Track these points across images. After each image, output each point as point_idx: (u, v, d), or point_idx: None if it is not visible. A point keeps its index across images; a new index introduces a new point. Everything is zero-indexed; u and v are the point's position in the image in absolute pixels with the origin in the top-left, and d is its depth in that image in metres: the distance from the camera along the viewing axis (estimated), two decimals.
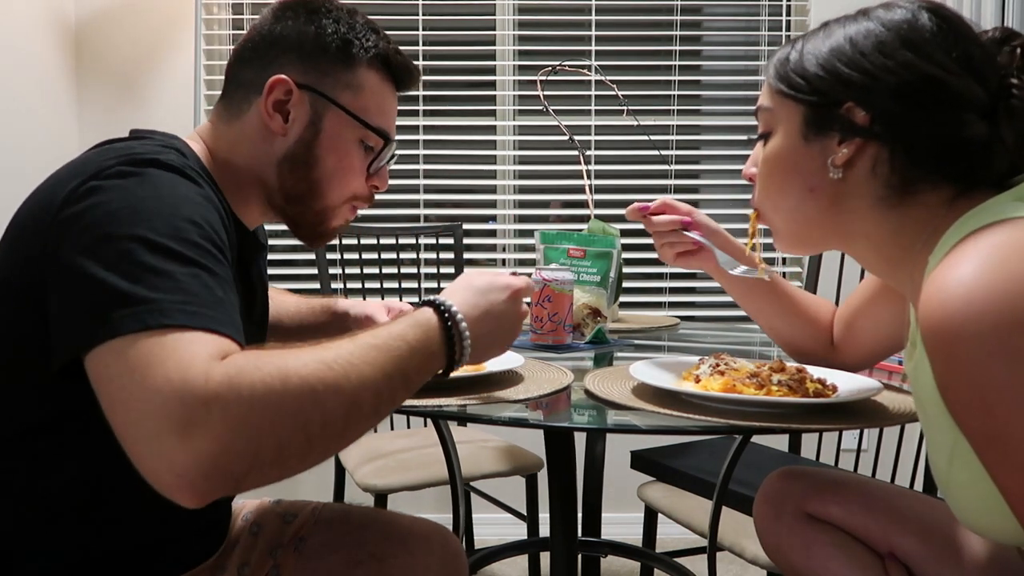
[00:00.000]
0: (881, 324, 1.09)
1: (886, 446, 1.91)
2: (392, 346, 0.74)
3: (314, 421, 0.66)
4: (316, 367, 0.67)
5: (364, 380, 0.70)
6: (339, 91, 0.94)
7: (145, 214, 0.71)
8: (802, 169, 0.86)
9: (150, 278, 0.67)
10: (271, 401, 0.64)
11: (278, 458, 0.65)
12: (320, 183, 0.95)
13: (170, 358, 0.63)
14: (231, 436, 0.62)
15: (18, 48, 2.29)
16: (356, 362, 0.70)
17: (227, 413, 0.62)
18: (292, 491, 2.64)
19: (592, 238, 1.56)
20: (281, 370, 0.65)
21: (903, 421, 0.94)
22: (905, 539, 1.01)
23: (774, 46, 2.71)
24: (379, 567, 1.04)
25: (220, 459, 0.62)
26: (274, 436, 0.64)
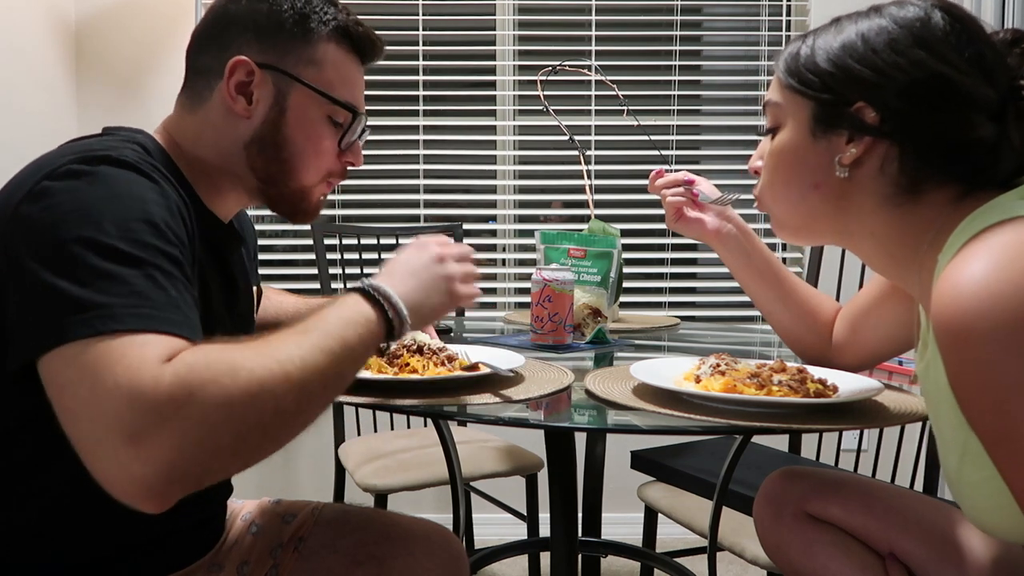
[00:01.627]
0: (885, 325, 1.09)
1: (886, 446, 1.91)
2: (331, 331, 0.75)
3: (267, 412, 0.66)
4: (264, 361, 0.67)
5: (311, 366, 0.71)
6: (301, 67, 0.92)
7: (95, 216, 0.70)
8: (809, 165, 0.86)
9: (100, 282, 0.67)
10: (223, 399, 0.63)
11: (235, 453, 0.66)
12: (291, 163, 0.94)
13: (119, 363, 0.63)
14: (186, 440, 0.62)
15: (18, 48, 2.28)
16: (303, 351, 0.71)
17: (180, 417, 0.62)
18: (292, 491, 2.65)
19: (592, 238, 1.56)
20: (231, 367, 0.65)
21: (903, 421, 0.94)
22: (905, 539, 1.01)
23: (774, 46, 2.71)
24: (379, 567, 1.04)
25: (177, 463, 0.62)
26: (230, 433, 0.64)
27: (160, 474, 0.61)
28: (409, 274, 0.89)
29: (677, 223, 1.27)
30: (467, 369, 1.05)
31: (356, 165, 1.01)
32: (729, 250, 1.23)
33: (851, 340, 1.15)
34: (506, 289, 2.76)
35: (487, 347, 1.22)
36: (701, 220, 1.25)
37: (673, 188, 1.27)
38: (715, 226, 1.24)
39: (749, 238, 1.23)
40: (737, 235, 1.23)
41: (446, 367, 1.05)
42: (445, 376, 1.03)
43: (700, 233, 1.25)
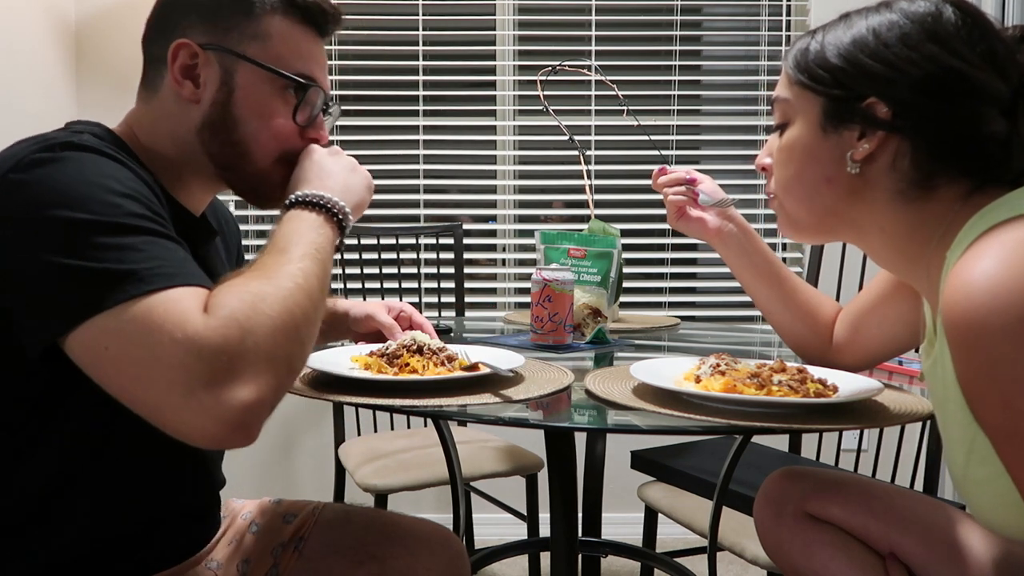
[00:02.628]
0: (887, 325, 1.09)
1: (886, 446, 1.91)
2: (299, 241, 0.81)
3: (297, 323, 0.73)
4: (277, 282, 0.74)
5: (307, 272, 0.77)
6: (245, 44, 0.89)
7: (79, 198, 0.71)
8: (820, 160, 0.86)
9: (113, 253, 0.69)
10: (269, 323, 0.69)
11: (291, 363, 0.72)
12: (245, 144, 0.91)
13: (167, 319, 0.66)
14: (258, 368, 0.67)
15: (18, 48, 2.28)
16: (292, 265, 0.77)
17: (244, 351, 0.67)
18: (292, 491, 2.65)
19: (592, 238, 1.55)
20: (259, 296, 0.71)
21: (903, 421, 0.94)
22: (906, 539, 1.01)
23: (774, 46, 2.71)
24: (380, 567, 1.04)
25: (259, 392, 0.67)
26: (284, 348, 0.70)
27: (249, 407, 0.66)
28: (323, 173, 0.92)
29: (678, 222, 1.27)
30: (467, 369, 1.05)
31: (321, 142, 0.97)
32: (730, 249, 1.23)
33: (852, 340, 1.15)
34: (506, 289, 2.76)
35: (487, 347, 1.22)
36: (702, 219, 1.25)
37: (675, 187, 1.27)
38: (716, 225, 1.24)
39: (750, 237, 1.23)
40: (738, 234, 1.23)
41: (446, 367, 1.05)
42: (445, 376, 1.03)
43: (701, 232, 1.25)
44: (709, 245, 1.27)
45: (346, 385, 1.02)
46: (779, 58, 2.71)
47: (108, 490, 0.85)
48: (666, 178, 1.28)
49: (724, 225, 1.24)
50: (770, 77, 2.73)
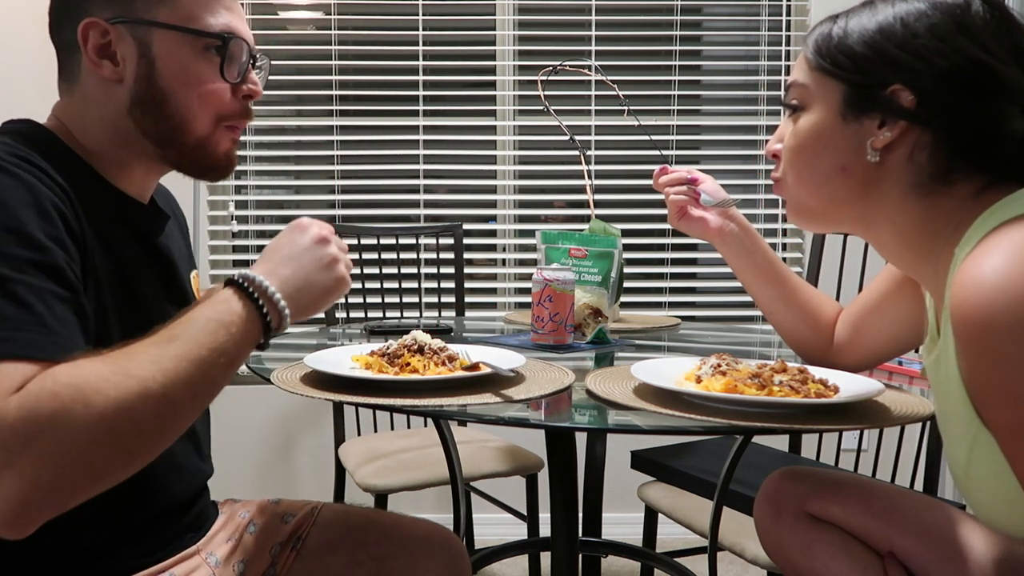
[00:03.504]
0: (888, 324, 1.09)
1: (886, 446, 1.91)
2: (199, 336, 0.70)
3: (127, 433, 0.64)
4: (121, 380, 0.64)
5: (173, 378, 0.66)
6: (153, 11, 0.85)
7: None
8: (837, 148, 0.85)
9: None
10: (74, 429, 0.61)
11: (96, 478, 0.64)
12: (178, 115, 0.86)
13: None
14: (38, 473, 0.60)
15: (18, 48, 2.28)
16: (164, 362, 0.66)
17: (29, 452, 0.60)
18: (292, 491, 2.65)
19: (593, 238, 1.55)
20: (80, 391, 0.62)
21: (903, 421, 0.94)
22: (906, 540, 1.01)
23: (774, 46, 2.71)
24: (378, 567, 1.04)
25: (31, 495, 0.60)
26: (84, 459, 0.62)
27: (14, 507, 0.60)
28: (289, 258, 0.81)
29: (680, 221, 1.26)
30: (467, 369, 1.05)
31: (256, 96, 0.92)
32: (732, 249, 1.23)
33: (853, 340, 1.15)
34: (506, 289, 2.76)
35: (488, 347, 1.22)
36: (704, 219, 1.25)
37: (676, 186, 1.27)
38: (718, 225, 1.24)
39: (752, 237, 1.23)
40: (740, 234, 1.23)
41: (446, 367, 1.05)
42: (445, 376, 1.03)
43: (703, 232, 1.25)
44: (710, 245, 1.27)
45: (346, 385, 1.02)
46: (779, 58, 2.71)
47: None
48: (667, 178, 1.28)
49: (725, 225, 1.23)
50: (770, 77, 2.73)
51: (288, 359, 1.19)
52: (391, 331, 1.49)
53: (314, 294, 0.83)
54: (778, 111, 2.73)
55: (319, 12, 2.73)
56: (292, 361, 1.16)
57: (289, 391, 1.00)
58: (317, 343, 1.45)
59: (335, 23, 2.69)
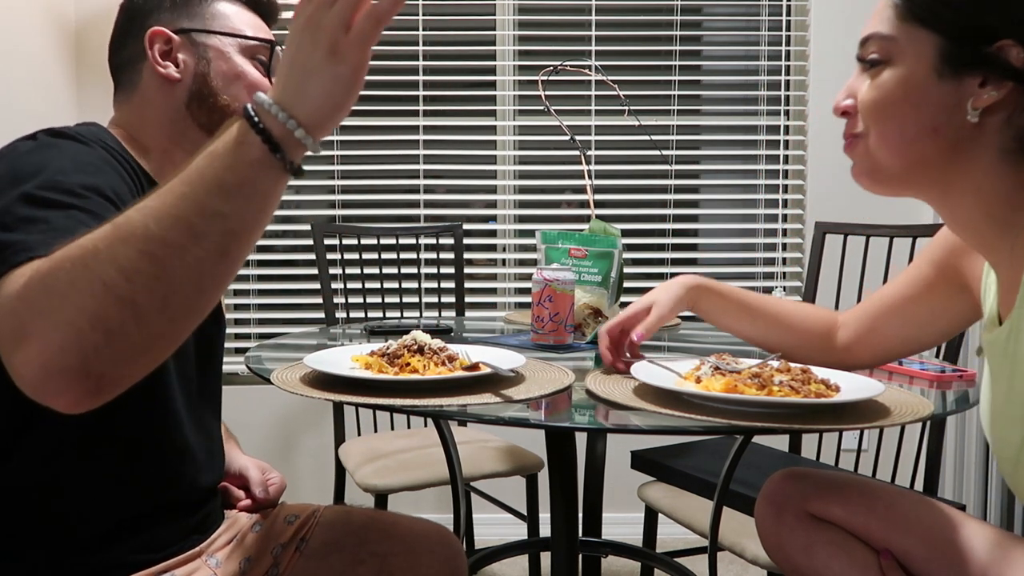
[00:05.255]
0: (912, 324, 1.06)
1: (886, 446, 1.91)
2: (190, 171, 0.64)
3: (112, 278, 0.60)
4: (99, 232, 0.62)
5: (161, 216, 0.62)
6: (208, 22, 1.00)
7: (29, 174, 0.76)
8: (929, 107, 0.78)
9: (25, 225, 0.70)
10: (58, 281, 0.61)
11: (109, 333, 0.60)
12: (232, 105, 0.99)
13: (13, 281, 0.64)
14: (42, 331, 0.60)
15: (18, 48, 2.28)
16: (148, 205, 0.63)
17: (31, 312, 0.61)
18: (292, 491, 2.65)
19: (593, 238, 1.55)
20: (63, 252, 0.62)
21: (903, 421, 0.94)
22: (907, 540, 1.01)
23: (774, 46, 2.71)
24: (380, 565, 1.04)
25: (50, 356, 0.60)
26: (81, 312, 0.60)
27: (41, 369, 0.60)
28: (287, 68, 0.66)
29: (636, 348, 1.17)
30: (467, 369, 1.05)
31: None
32: (701, 311, 1.20)
33: (865, 339, 1.12)
34: (506, 289, 2.76)
35: (488, 347, 1.22)
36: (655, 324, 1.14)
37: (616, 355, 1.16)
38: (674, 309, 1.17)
39: (713, 290, 1.19)
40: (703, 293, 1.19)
41: (446, 367, 1.05)
42: (445, 376, 1.03)
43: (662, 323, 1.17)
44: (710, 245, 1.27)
45: (346, 385, 1.02)
46: (779, 58, 2.71)
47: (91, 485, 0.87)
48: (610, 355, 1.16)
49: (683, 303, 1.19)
50: (770, 77, 2.73)
51: (288, 359, 1.19)
52: (391, 331, 1.49)
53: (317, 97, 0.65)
54: (778, 111, 2.73)
55: None
56: (292, 361, 1.16)
57: (289, 391, 1.00)
58: (317, 343, 1.45)
59: None
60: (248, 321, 2.75)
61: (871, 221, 2.01)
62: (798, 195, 2.73)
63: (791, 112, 2.73)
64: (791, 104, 2.73)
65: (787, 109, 2.73)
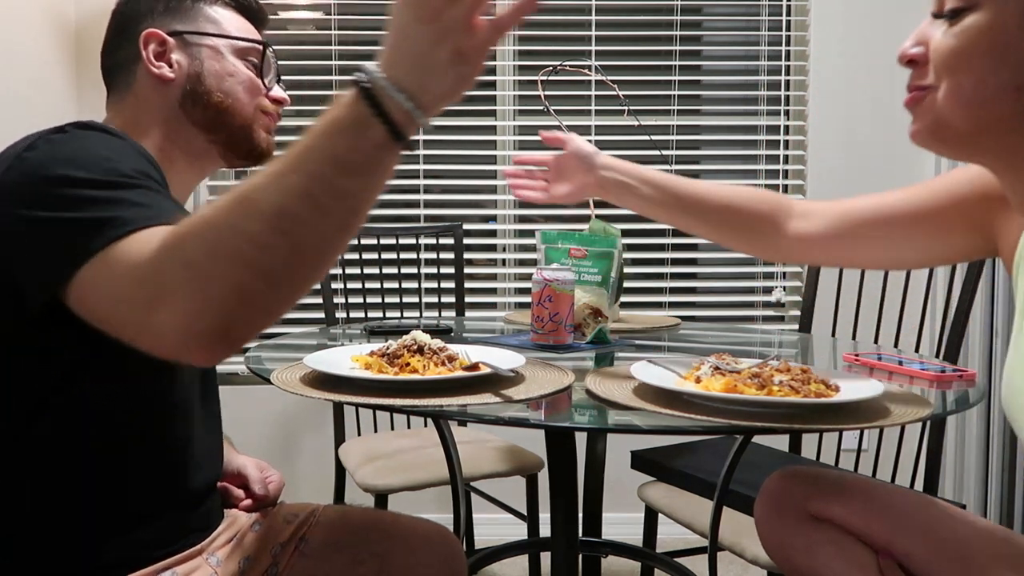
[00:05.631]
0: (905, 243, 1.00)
1: (886, 446, 1.91)
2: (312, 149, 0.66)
3: (248, 251, 0.65)
4: (227, 207, 0.66)
5: (292, 193, 0.65)
6: (200, 24, 1.02)
7: (78, 160, 0.78)
8: (1015, 61, 0.72)
9: (105, 204, 0.75)
10: (195, 252, 0.66)
11: (244, 299, 0.66)
12: (224, 102, 1.01)
13: (127, 255, 0.70)
14: (183, 298, 0.66)
15: (18, 48, 2.28)
16: (276, 181, 0.66)
17: (173, 271, 0.67)
18: (292, 491, 2.64)
19: (593, 238, 1.56)
20: (193, 219, 0.68)
21: (903, 421, 0.94)
22: (907, 539, 1.01)
23: (774, 46, 2.71)
24: (380, 565, 1.04)
25: (192, 320, 0.66)
26: (222, 281, 0.65)
27: (185, 325, 0.66)
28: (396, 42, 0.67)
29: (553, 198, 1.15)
30: (467, 369, 1.05)
31: (285, 104, 1.08)
32: (626, 199, 1.14)
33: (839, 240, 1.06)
34: (506, 289, 2.76)
35: (487, 347, 1.22)
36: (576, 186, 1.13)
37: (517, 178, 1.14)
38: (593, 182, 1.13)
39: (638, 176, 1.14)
40: (624, 179, 1.14)
41: (446, 367, 1.05)
42: (445, 376, 1.03)
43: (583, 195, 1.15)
44: (711, 245, 1.26)
45: (346, 385, 1.02)
46: (779, 58, 2.71)
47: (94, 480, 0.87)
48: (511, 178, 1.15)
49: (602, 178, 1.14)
50: (770, 77, 2.73)
51: (288, 359, 1.19)
52: (391, 331, 1.49)
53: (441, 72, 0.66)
54: (778, 111, 2.73)
55: (319, 12, 2.73)
56: (292, 361, 1.16)
57: (289, 391, 1.00)
58: (317, 343, 1.45)
59: (335, 23, 2.69)
60: None
61: None
62: (798, 195, 2.72)
63: (791, 112, 2.73)
64: (791, 104, 2.73)
65: (787, 109, 2.73)
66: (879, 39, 2.63)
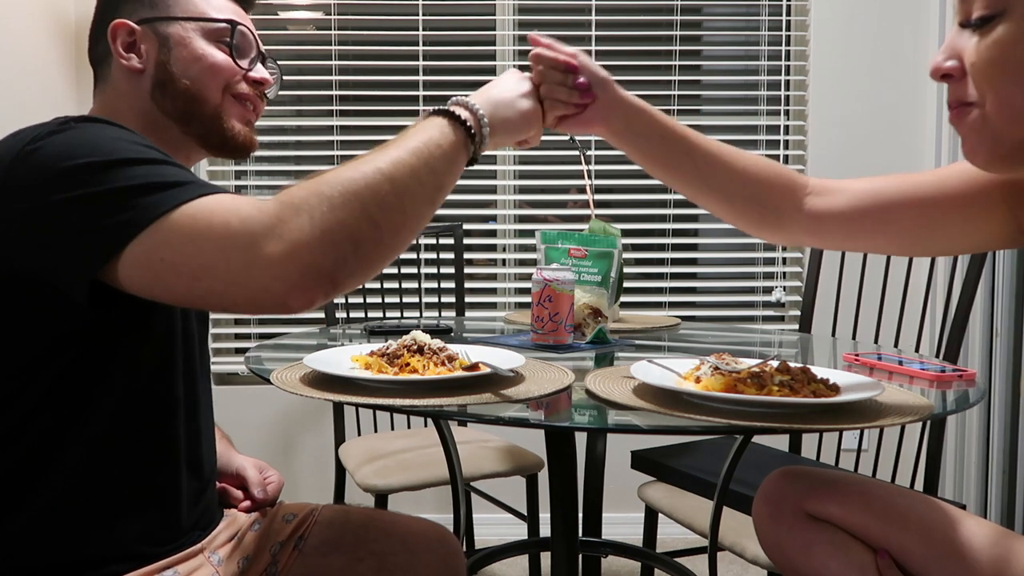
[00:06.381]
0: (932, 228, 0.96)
1: (886, 446, 1.91)
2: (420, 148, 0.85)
3: (369, 202, 0.74)
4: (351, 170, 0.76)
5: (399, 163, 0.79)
6: (170, 8, 0.99)
7: (96, 146, 0.77)
8: None
9: (141, 178, 0.74)
10: (325, 198, 0.72)
11: (356, 246, 0.73)
12: (192, 89, 0.98)
13: (216, 214, 0.71)
14: (307, 233, 0.70)
15: (18, 48, 2.28)
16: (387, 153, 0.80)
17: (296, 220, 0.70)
18: (293, 491, 2.65)
19: (593, 238, 1.56)
20: (323, 179, 0.74)
21: (903, 421, 0.94)
22: (906, 538, 1.01)
23: (774, 46, 2.71)
24: (380, 564, 1.04)
25: (306, 255, 0.69)
26: (342, 225, 0.72)
27: (295, 265, 0.69)
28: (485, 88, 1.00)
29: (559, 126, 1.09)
30: (467, 369, 1.05)
31: (266, 84, 1.05)
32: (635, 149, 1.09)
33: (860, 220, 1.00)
34: (506, 289, 2.76)
35: (487, 347, 1.22)
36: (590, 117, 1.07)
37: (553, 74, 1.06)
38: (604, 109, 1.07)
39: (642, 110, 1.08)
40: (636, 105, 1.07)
41: (446, 367, 1.05)
42: (445, 376, 1.03)
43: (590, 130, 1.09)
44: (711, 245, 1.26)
45: (346, 385, 1.02)
46: (779, 58, 2.71)
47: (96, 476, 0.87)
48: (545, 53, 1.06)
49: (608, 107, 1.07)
50: (770, 77, 2.73)
51: (288, 359, 1.19)
52: (391, 331, 1.49)
53: (511, 113, 1.00)
54: (778, 111, 2.73)
55: (319, 12, 2.73)
56: (292, 361, 1.16)
57: (289, 391, 1.00)
58: (317, 343, 1.45)
59: (335, 23, 2.69)
60: (248, 321, 2.75)
61: None
62: None
63: (791, 112, 2.73)
64: (791, 104, 2.73)
65: (787, 109, 2.73)
66: (879, 39, 2.63)
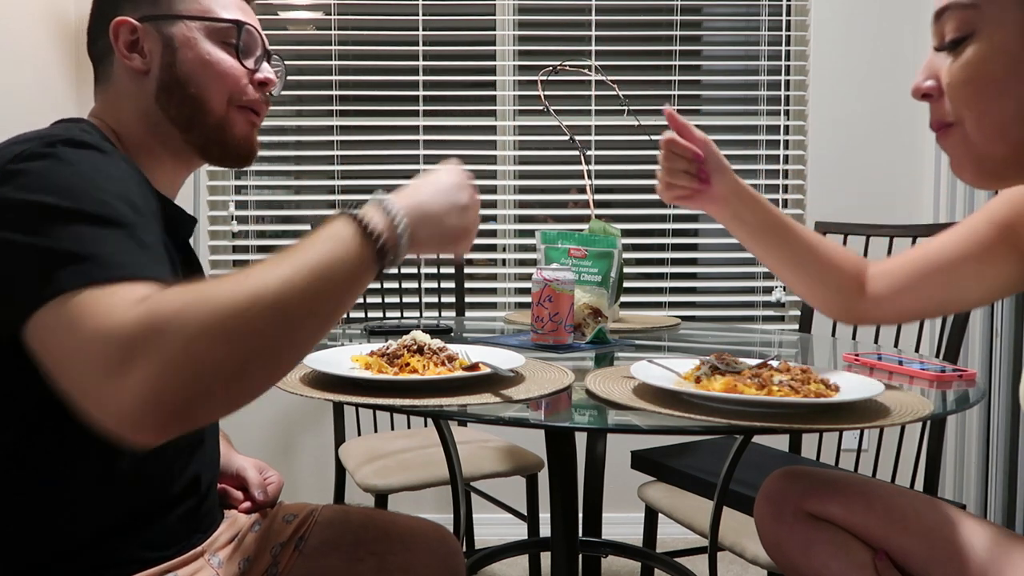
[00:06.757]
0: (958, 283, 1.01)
1: (886, 446, 1.91)
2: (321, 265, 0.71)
3: (241, 334, 0.65)
4: (234, 287, 0.66)
5: (288, 285, 0.68)
6: (174, 7, 0.95)
7: (64, 188, 0.73)
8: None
9: (85, 242, 0.70)
10: (193, 325, 0.63)
11: (218, 379, 0.64)
12: (198, 96, 0.95)
13: (96, 308, 0.65)
14: (161, 367, 0.62)
15: (18, 48, 2.28)
16: (277, 270, 0.69)
17: (152, 347, 0.62)
18: (292, 491, 2.65)
19: (593, 238, 1.56)
20: (199, 296, 0.65)
21: (903, 421, 0.94)
22: (905, 538, 1.01)
23: (774, 46, 2.71)
24: (379, 564, 1.04)
25: (157, 390, 0.62)
26: (204, 358, 0.63)
27: (144, 403, 0.62)
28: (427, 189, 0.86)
29: (675, 201, 1.15)
30: (467, 369, 1.05)
31: (270, 85, 1.00)
32: (738, 226, 1.14)
33: (901, 295, 1.07)
34: (506, 289, 2.76)
35: (487, 347, 1.22)
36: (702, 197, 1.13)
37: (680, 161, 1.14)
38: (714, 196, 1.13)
39: (752, 200, 1.13)
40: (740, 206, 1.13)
41: (446, 367, 1.05)
42: (445, 376, 1.03)
43: (700, 207, 1.16)
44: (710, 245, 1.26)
45: (346, 385, 1.02)
46: (779, 58, 2.71)
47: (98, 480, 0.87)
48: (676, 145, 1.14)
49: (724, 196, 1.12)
50: (770, 77, 2.73)
51: None
52: (391, 331, 1.49)
53: (439, 230, 0.85)
54: (778, 111, 2.73)
55: (319, 12, 2.73)
56: None
57: (289, 391, 1.00)
58: None
59: (335, 23, 2.69)
60: None
61: (871, 221, 2.01)
62: (798, 195, 2.73)
63: (791, 112, 2.73)
64: (791, 104, 2.73)
65: (787, 109, 2.73)
66: (879, 39, 2.63)
